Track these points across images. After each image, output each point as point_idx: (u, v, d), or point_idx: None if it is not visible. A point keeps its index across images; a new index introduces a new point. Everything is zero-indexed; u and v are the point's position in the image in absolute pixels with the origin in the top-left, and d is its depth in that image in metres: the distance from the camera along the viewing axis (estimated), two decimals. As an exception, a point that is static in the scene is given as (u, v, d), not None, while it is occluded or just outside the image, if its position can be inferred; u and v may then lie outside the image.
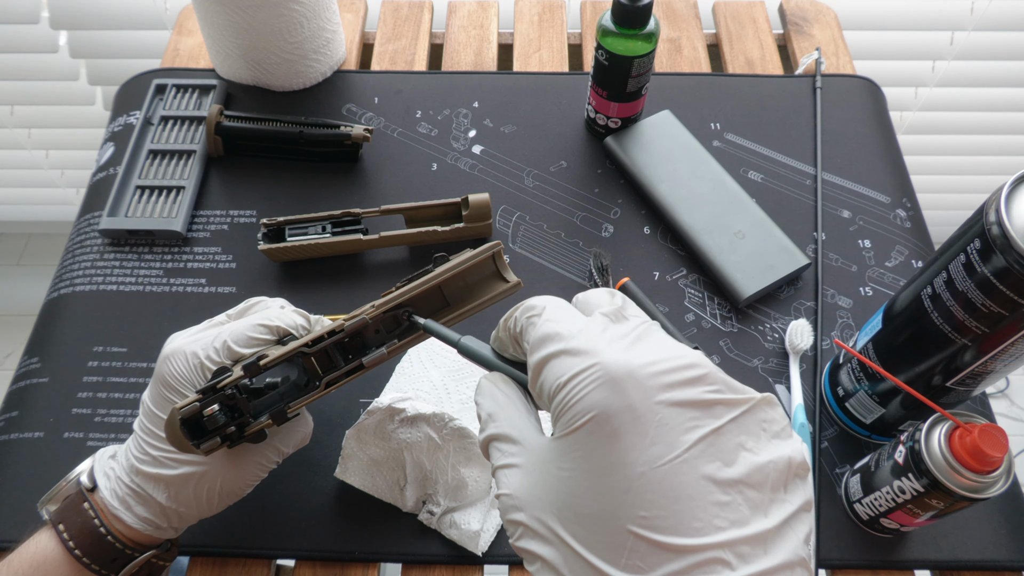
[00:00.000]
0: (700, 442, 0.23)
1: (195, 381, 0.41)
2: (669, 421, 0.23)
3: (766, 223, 0.62)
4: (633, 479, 0.23)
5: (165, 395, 0.41)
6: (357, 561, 0.49)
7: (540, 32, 0.80)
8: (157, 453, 0.41)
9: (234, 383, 0.38)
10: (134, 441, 0.42)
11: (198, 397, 0.38)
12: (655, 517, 0.23)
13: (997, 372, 0.43)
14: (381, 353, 0.39)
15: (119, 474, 0.42)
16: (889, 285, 0.61)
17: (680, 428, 0.23)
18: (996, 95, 1.16)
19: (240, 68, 0.71)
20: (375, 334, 0.39)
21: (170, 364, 0.41)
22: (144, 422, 0.42)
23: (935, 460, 0.41)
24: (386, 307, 0.39)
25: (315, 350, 0.39)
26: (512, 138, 0.70)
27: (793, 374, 0.56)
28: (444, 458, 0.48)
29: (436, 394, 0.53)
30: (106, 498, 0.41)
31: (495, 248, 0.40)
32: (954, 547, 0.50)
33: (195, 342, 0.42)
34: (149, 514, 0.41)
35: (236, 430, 0.39)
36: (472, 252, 0.40)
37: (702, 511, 0.22)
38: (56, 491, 0.43)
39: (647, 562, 0.22)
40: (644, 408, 0.24)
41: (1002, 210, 0.36)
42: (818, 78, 0.74)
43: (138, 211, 0.64)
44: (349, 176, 0.68)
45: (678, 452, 0.23)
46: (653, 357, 0.25)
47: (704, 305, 0.60)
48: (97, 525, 0.40)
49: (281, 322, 0.43)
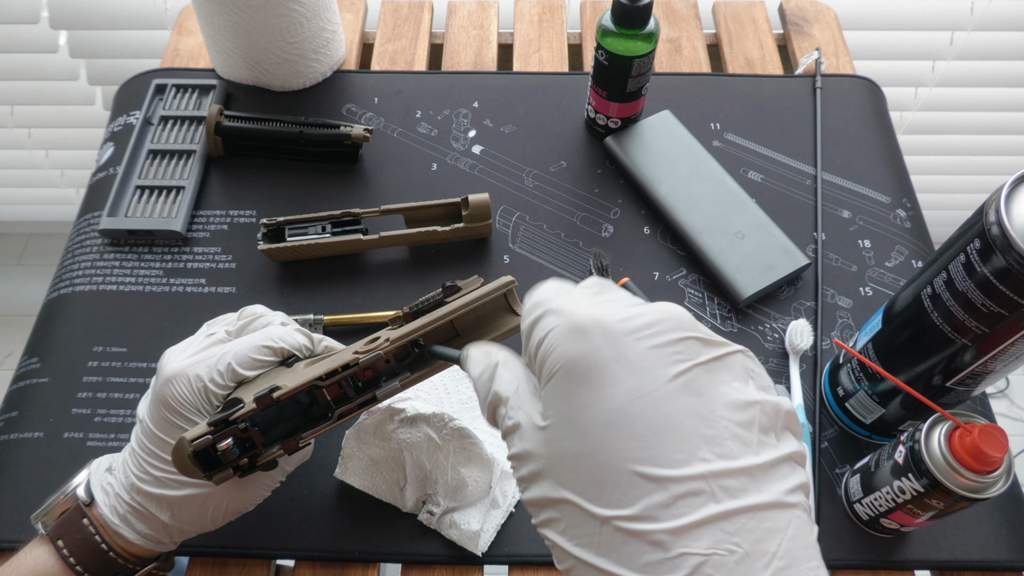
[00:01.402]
0: (683, 375, 0.23)
1: (199, 405, 0.40)
2: (647, 358, 0.23)
3: (766, 223, 0.62)
4: (611, 412, 0.23)
5: (168, 418, 0.40)
6: (357, 561, 0.49)
7: (540, 32, 0.80)
8: (160, 474, 0.40)
9: (247, 415, 0.38)
10: (133, 458, 0.41)
11: (210, 430, 0.37)
12: (635, 449, 0.22)
13: (997, 372, 0.43)
14: (394, 386, 0.39)
15: (118, 490, 0.41)
16: (889, 285, 0.61)
17: (660, 364, 0.23)
18: (996, 95, 1.16)
19: (240, 68, 0.71)
20: (385, 364, 0.39)
21: (173, 388, 0.40)
22: (144, 441, 0.41)
23: (935, 460, 0.41)
24: (402, 341, 0.38)
25: (328, 383, 0.38)
26: (512, 138, 0.70)
27: (793, 374, 0.56)
28: (444, 458, 0.48)
29: (436, 394, 0.53)
30: (105, 514, 0.41)
31: (510, 286, 0.40)
32: (954, 547, 0.50)
33: (197, 364, 0.41)
34: (151, 531, 0.41)
35: (248, 461, 0.38)
36: (486, 288, 0.40)
37: (685, 443, 0.22)
38: (52, 505, 0.42)
39: (628, 495, 0.22)
40: (617, 350, 0.24)
41: (1002, 210, 0.36)
42: (818, 78, 0.74)
43: (138, 211, 0.64)
44: (349, 176, 0.68)
45: (658, 385, 0.23)
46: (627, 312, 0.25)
47: (704, 305, 0.60)
48: (98, 541, 0.40)
49: (285, 343, 0.43)
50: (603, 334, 0.24)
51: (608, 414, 0.23)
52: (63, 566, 0.40)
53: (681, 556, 0.21)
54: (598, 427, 0.23)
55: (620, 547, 0.22)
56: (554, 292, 0.27)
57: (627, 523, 0.22)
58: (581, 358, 0.24)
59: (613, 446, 0.22)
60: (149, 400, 0.42)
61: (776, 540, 0.21)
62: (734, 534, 0.21)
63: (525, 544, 0.49)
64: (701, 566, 0.20)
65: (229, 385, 0.41)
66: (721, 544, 0.21)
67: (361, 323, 0.58)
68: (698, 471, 0.22)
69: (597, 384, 0.23)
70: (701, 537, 0.21)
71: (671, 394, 0.23)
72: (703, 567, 0.20)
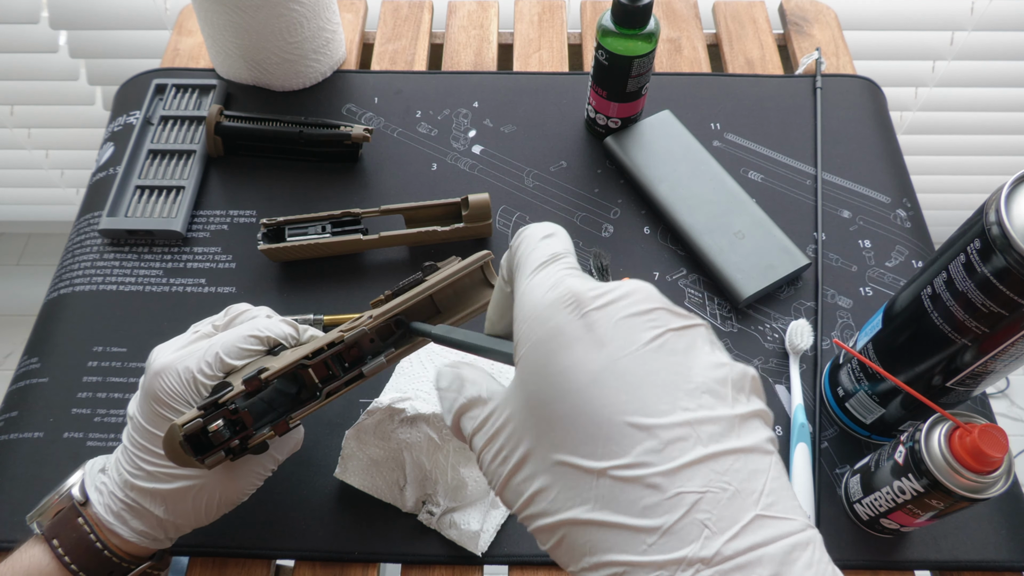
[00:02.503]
0: (658, 338, 0.24)
1: (188, 396, 0.40)
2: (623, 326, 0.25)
3: (766, 223, 0.62)
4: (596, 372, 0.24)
5: (158, 411, 0.40)
6: (357, 561, 0.49)
7: (540, 32, 0.80)
8: (152, 468, 0.40)
9: (236, 397, 0.38)
10: (125, 455, 0.42)
11: (200, 413, 0.38)
12: (623, 402, 0.23)
13: (997, 372, 0.43)
14: (380, 362, 0.40)
15: (112, 489, 0.41)
16: (889, 285, 0.61)
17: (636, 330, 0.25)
18: (996, 95, 1.16)
19: (240, 68, 0.71)
20: (370, 343, 0.40)
21: (162, 380, 0.40)
22: (135, 437, 0.41)
23: (935, 460, 0.41)
24: (384, 317, 0.39)
25: (315, 362, 0.39)
26: (512, 138, 0.70)
27: (793, 374, 0.56)
28: (444, 458, 0.48)
29: (436, 394, 0.53)
30: (100, 513, 0.41)
31: (485, 259, 0.42)
32: (954, 547, 0.50)
33: (186, 357, 0.41)
34: (146, 527, 0.41)
35: (239, 443, 0.39)
36: (463, 262, 0.41)
37: (667, 394, 0.23)
38: (47, 506, 0.42)
39: (621, 445, 0.23)
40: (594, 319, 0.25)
41: (1002, 210, 0.36)
42: (818, 78, 0.74)
43: (138, 211, 0.64)
44: (349, 176, 0.67)
45: (637, 347, 0.24)
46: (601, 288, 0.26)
47: (704, 305, 0.60)
48: (93, 540, 0.40)
49: (271, 332, 0.43)
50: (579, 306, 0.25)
51: (594, 373, 0.24)
52: (58, 565, 0.40)
53: (678, 495, 0.22)
54: (586, 386, 0.24)
55: (619, 495, 0.22)
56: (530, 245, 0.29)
57: (623, 471, 0.22)
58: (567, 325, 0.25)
59: (603, 401, 0.23)
60: (139, 397, 0.42)
61: (761, 480, 0.22)
62: (723, 473, 0.22)
63: (525, 544, 0.49)
64: (697, 503, 0.22)
65: (218, 375, 0.41)
66: (713, 483, 0.22)
67: (361, 323, 0.58)
68: (683, 418, 0.23)
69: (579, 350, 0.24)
70: (694, 477, 0.22)
71: (649, 354, 0.24)
72: (699, 504, 0.22)
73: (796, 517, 0.22)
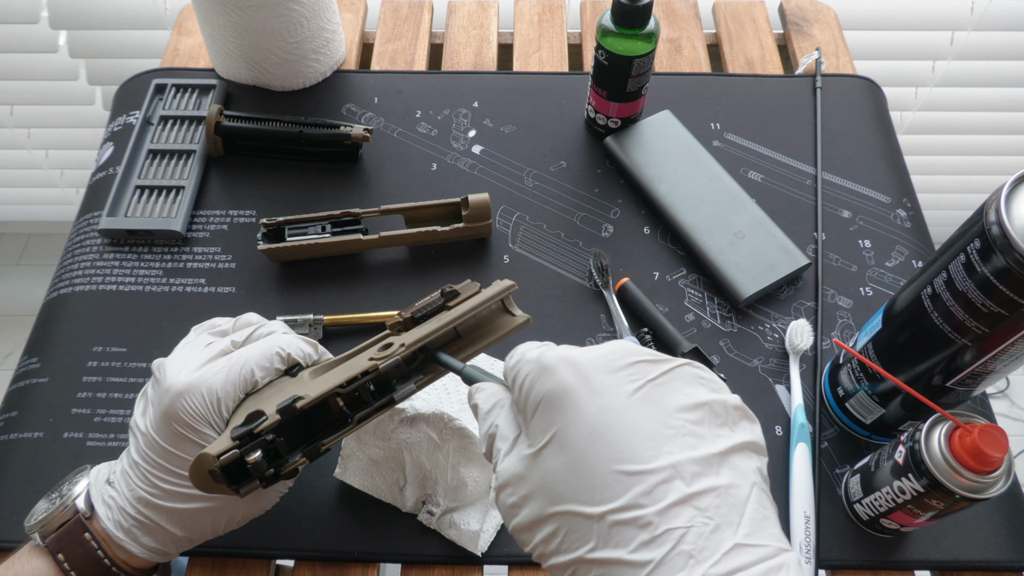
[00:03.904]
0: (639, 390, 0.28)
1: (211, 418, 0.40)
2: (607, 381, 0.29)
3: (766, 223, 0.62)
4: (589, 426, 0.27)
5: (179, 432, 0.39)
6: (357, 561, 0.49)
7: (540, 32, 0.80)
8: (170, 487, 0.40)
9: (271, 427, 0.37)
10: (136, 471, 0.40)
11: (235, 444, 0.37)
12: (615, 452, 0.27)
13: (997, 372, 0.43)
14: (410, 388, 0.40)
15: (121, 504, 0.40)
16: (889, 285, 0.61)
17: (619, 384, 0.28)
18: (996, 95, 1.16)
19: (240, 68, 0.71)
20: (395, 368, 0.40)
21: (186, 402, 0.39)
22: (150, 454, 0.40)
23: (935, 460, 0.41)
24: (415, 347, 0.40)
25: (349, 390, 0.39)
26: (512, 138, 0.70)
27: (793, 374, 0.56)
28: (444, 458, 0.48)
29: (436, 394, 0.53)
30: (109, 528, 0.40)
31: (510, 290, 0.43)
32: (954, 547, 0.50)
33: (209, 377, 0.40)
34: (157, 544, 0.41)
35: (273, 471, 0.38)
36: (487, 292, 0.42)
37: (652, 441, 0.27)
38: (50, 517, 0.41)
39: (615, 491, 0.26)
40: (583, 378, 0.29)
41: (1002, 210, 0.36)
42: (818, 78, 0.74)
43: (138, 211, 0.64)
44: (349, 176, 0.67)
45: (621, 400, 0.28)
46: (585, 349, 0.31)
47: (704, 305, 0.60)
48: (101, 556, 0.40)
49: (292, 350, 0.43)
50: (569, 367, 0.29)
51: (587, 427, 0.27)
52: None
53: (667, 532, 0.25)
54: (582, 439, 0.27)
55: (617, 535, 0.26)
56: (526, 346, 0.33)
57: (619, 514, 0.26)
58: (555, 389, 0.29)
59: (597, 452, 0.27)
60: (152, 414, 0.40)
61: (739, 512, 0.26)
62: (705, 510, 0.25)
63: (525, 544, 0.49)
64: (684, 537, 0.25)
65: (240, 396, 0.41)
66: (696, 518, 0.25)
67: (361, 323, 0.58)
68: (667, 462, 0.26)
69: (572, 407, 0.28)
70: (680, 514, 0.25)
71: (632, 406, 0.28)
72: (685, 537, 0.25)
73: (771, 543, 0.25)
